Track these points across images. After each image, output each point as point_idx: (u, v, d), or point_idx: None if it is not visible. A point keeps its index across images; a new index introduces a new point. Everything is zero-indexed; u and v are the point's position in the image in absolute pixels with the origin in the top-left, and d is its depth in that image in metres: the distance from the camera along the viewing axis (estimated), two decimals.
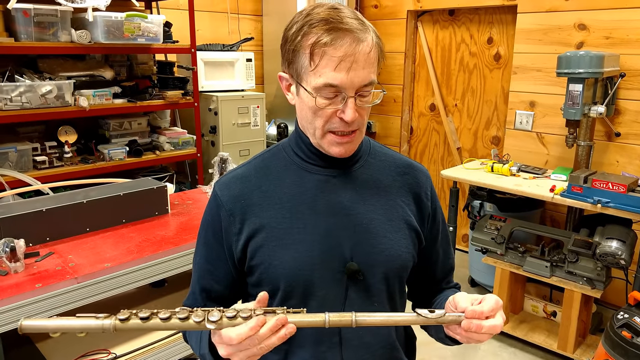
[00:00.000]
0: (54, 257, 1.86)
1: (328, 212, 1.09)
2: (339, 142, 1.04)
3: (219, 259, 1.13)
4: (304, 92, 1.02)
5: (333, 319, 0.88)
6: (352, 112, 0.99)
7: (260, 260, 1.07)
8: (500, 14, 3.75)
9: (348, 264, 1.06)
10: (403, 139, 4.44)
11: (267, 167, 1.14)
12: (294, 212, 1.08)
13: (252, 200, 1.10)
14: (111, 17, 2.75)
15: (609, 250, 2.53)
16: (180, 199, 2.56)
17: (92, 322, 0.80)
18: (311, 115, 1.03)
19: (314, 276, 1.06)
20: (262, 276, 1.08)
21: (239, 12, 4.12)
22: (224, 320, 0.85)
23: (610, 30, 3.08)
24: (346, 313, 0.89)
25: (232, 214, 1.09)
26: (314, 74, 0.98)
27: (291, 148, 1.15)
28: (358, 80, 0.98)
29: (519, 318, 3.11)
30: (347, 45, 0.96)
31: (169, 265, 1.96)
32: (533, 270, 2.84)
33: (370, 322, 0.90)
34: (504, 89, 3.81)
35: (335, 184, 1.11)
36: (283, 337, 0.86)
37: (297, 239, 1.07)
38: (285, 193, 1.10)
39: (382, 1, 4.31)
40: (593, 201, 2.55)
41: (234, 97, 3.59)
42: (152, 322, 0.82)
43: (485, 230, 3.04)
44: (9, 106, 2.56)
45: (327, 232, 1.07)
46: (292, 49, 1.01)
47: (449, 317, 0.94)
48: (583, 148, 2.99)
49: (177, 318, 0.83)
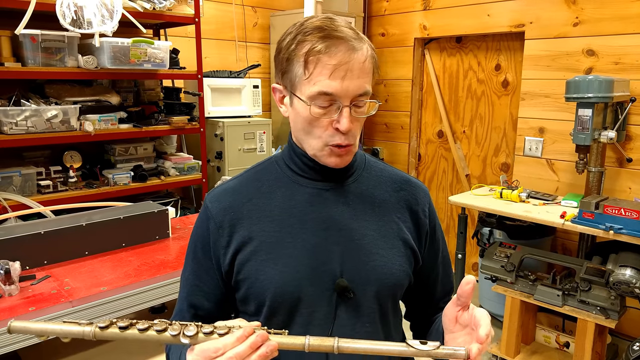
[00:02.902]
0: (50, 281, 1.82)
1: (319, 227, 1.05)
2: (337, 153, 1.01)
3: (207, 274, 1.08)
4: (298, 102, 0.99)
5: (313, 342, 0.82)
6: (348, 121, 0.97)
7: (247, 275, 1.03)
8: (507, 41, 3.74)
9: (338, 280, 1.02)
10: (411, 165, 4.41)
11: (258, 179, 1.11)
12: (283, 225, 1.05)
13: (242, 212, 1.07)
14: (118, 43, 2.77)
15: (622, 279, 2.45)
16: (182, 223, 2.53)
17: (75, 328, 0.81)
18: (307, 126, 1.00)
19: (301, 292, 1.01)
20: (248, 291, 1.03)
21: (246, 40, 4.16)
22: (199, 336, 0.82)
23: (620, 56, 3.05)
24: (328, 338, 0.84)
25: (221, 226, 1.06)
26: (308, 82, 0.96)
27: (284, 161, 1.12)
28: (353, 89, 0.96)
29: (530, 349, 3.01)
30: (341, 53, 0.94)
31: (167, 290, 1.91)
32: (544, 299, 2.76)
33: (353, 350, 0.83)
34: (512, 115, 3.78)
35: (328, 197, 1.07)
36: (264, 356, 0.81)
37: (285, 253, 1.03)
38: (275, 206, 1.07)
39: (389, 29, 4.33)
40: (605, 227, 2.48)
41: (240, 122, 3.59)
42: (130, 332, 0.81)
43: (495, 258, 2.97)
44: (14, 130, 2.57)
45: (317, 247, 1.03)
46: (285, 58, 0.99)
47: (444, 350, 0.85)
48: (594, 174, 2.94)
49: (154, 330, 0.81)
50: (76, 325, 0.81)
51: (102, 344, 2.00)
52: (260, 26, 4.25)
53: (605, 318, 2.57)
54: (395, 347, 0.84)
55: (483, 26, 3.71)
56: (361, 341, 0.84)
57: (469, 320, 0.92)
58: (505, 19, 3.58)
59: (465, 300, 0.93)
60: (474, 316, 0.90)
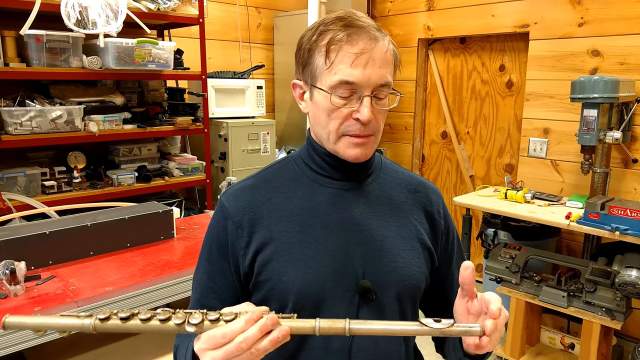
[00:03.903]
0: (56, 281, 1.82)
1: (340, 227, 1.03)
2: (355, 143, 1.00)
3: (223, 276, 1.06)
4: (319, 93, 0.99)
5: (324, 325, 0.80)
6: (369, 111, 0.96)
7: (269, 276, 1.01)
8: (512, 42, 3.73)
9: (361, 282, 1.00)
10: (415, 166, 4.40)
11: (276, 178, 1.09)
12: (305, 226, 1.03)
13: (261, 212, 1.05)
14: (122, 43, 2.77)
15: (628, 280, 2.44)
16: (186, 224, 2.52)
17: (73, 321, 0.77)
18: (326, 117, 0.99)
19: (324, 294, 1.00)
20: (269, 293, 1.01)
21: (250, 41, 4.16)
22: (205, 324, 0.79)
23: (625, 56, 3.04)
24: (339, 320, 0.81)
25: (240, 226, 1.04)
26: (329, 71, 0.96)
27: (302, 160, 1.10)
28: (375, 79, 0.95)
29: (535, 350, 3.00)
30: (363, 42, 0.94)
31: (172, 290, 1.91)
32: (549, 300, 2.74)
33: (366, 331, 0.81)
34: (517, 116, 3.77)
35: (348, 198, 1.06)
36: (276, 341, 0.77)
37: (307, 254, 1.01)
38: (295, 206, 1.05)
39: (393, 30, 4.32)
40: (611, 228, 2.47)
41: (244, 123, 3.59)
42: (132, 322, 0.78)
43: (500, 259, 2.96)
44: (19, 130, 2.57)
45: (339, 248, 1.02)
46: (307, 49, 0.99)
47: (458, 327, 0.82)
48: (599, 175, 2.93)
49: (157, 319, 0.78)
50: (75, 318, 0.77)
51: (108, 344, 1.99)
52: (264, 27, 4.25)
53: (611, 319, 2.56)
54: (409, 327, 0.82)
55: (487, 27, 3.70)
56: (373, 322, 0.82)
57: (480, 306, 0.89)
58: (509, 20, 3.57)
59: (469, 288, 0.90)
60: (483, 299, 0.88)
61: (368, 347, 1.02)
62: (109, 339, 2.00)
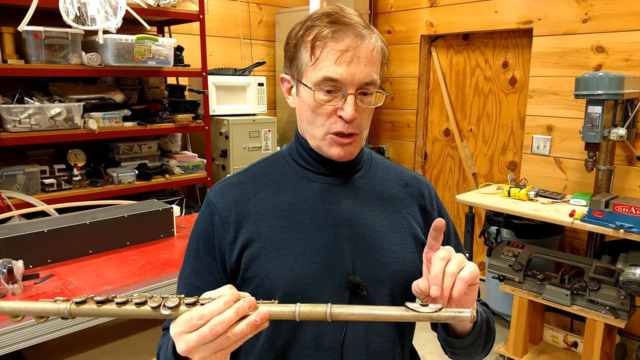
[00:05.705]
0: (54, 279, 1.80)
1: (329, 223, 1.02)
2: (339, 142, 0.99)
3: (210, 273, 1.04)
4: (304, 89, 0.98)
5: (304, 309, 0.77)
6: (352, 109, 0.94)
7: (256, 272, 0.99)
8: (515, 38, 3.70)
9: (350, 277, 0.99)
10: (417, 164, 4.37)
11: (264, 174, 1.08)
12: (293, 221, 1.01)
13: (249, 207, 1.03)
14: (122, 40, 2.75)
15: (632, 278, 2.41)
16: (187, 222, 2.50)
17: (49, 306, 0.76)
18: (310, 114, 0.99)
19: (313, 290, 0.98)
20: (257, 289, 0.99)
21: (251, 37, 4.13)
22: (181, 308, 0.77)
23: (630, 53, 3.01)
24: (320, 305, 0.77)
25: (227, 221, 1.02)
26: (314, 67, 0.95)
27: (290, 155, 1.09)
28: (359, 77, 0.94)
29: (538, 349, 2.98)
30: (349, 39, 0.93)
31: (172, 289, 1.88)
32: (553, 298, 2.72)
33: (347, 316, 0.77)
34: (520, 113, 3.74)
35: (337, 192, 1.05)
36: (254, 325, 0.74)
37: (296, 250, 0.99)
38: (284, 201, 1.04)
39: (395, 26, 4.29)
40: (615, 226, 2.44)
41: (245, 120, 3.57)
42: (107, 307, 0.77)
43: (503, 257, 2.94)
44: (18, 128, 2.55)
45: (328, 243, 1.00)
46: (293, 44, 0.99)
47: (446, 313, 0.78)
48: (603, 172, 2.90)
49: (133, 304, 0.77)
50: (51, 302, 0.76)
51: (106, 343, 1.98)
52: (265, 23, 4.23)
53: (615, 318, 2.54)
54: (394, 312, 0.78)
55: (490, 23, 3.67)
56: (356, 307, 0.78)
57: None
58: (513, 16, 3.54)
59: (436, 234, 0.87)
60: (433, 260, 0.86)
61: (361, 345, 1.00)
62: (108, 339, 1.99)
